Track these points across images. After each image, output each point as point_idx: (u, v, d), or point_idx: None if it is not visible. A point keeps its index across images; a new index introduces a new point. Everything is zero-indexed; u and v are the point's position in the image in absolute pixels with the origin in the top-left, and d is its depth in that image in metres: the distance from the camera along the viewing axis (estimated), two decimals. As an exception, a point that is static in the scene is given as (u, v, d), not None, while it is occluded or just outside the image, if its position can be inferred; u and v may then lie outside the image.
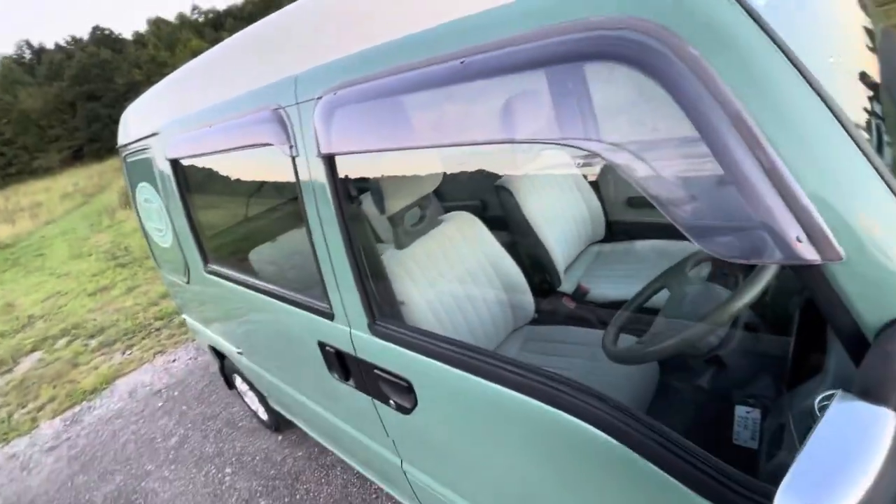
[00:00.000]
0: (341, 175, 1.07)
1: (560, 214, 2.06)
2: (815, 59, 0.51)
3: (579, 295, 1.78)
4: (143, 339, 4.48)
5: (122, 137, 2.36)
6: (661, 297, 1.21)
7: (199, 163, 1.73)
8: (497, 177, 2.08)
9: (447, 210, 2.59)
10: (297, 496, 2.25)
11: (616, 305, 1.22)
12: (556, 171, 2.12)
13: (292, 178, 1.15)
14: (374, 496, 2.10)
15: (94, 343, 4.72)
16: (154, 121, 1.95)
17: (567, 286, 1.88)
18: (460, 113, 0.71)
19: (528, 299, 1.64)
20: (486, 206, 2.57)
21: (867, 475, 0.37)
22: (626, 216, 2.23)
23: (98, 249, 8.86)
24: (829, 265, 0.46)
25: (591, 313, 1.68)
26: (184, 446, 2.83)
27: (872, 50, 0.80)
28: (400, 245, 1.44)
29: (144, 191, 2.24)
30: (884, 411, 0.41)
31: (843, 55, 0.72)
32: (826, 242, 0.45)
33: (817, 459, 0.40)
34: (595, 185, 2.23)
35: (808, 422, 0.51)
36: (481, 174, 2.38)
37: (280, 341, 1.72)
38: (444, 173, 2.38)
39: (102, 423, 3.30)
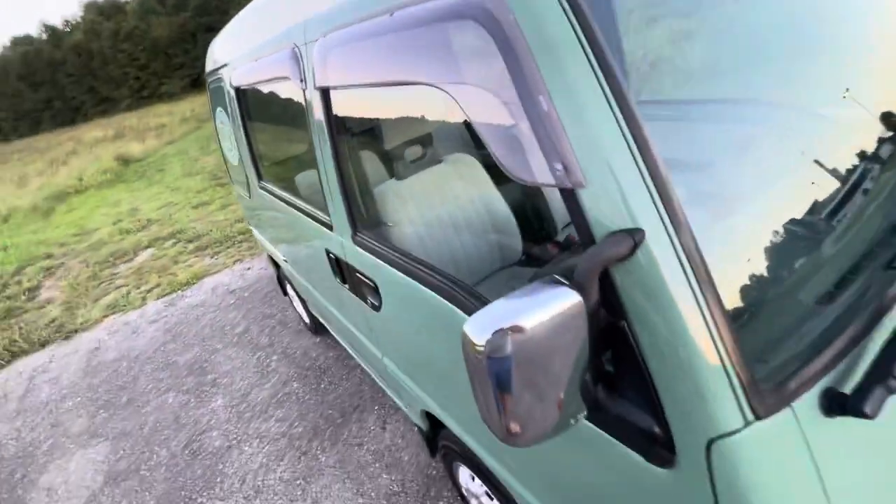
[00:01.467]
0: (343, 109, 1.28)
1: None
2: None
3: (567, 244, 1.88)
4: (228, 248, 5.25)
5: (208, 65, 2.75)
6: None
7: (257, 92, 2.02)
8: None
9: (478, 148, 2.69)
10: (322, 386, 2.71)
11: None
12: None
13: (306, 109, 1.38)
14: (380, 395, 2.48)
15: (191, 246, 5.62)
16: (226, 53, 2.28)
17: (561, 238, 1.98)
18: (393, 59, 0.88)
19: (516, 241, 1.78)
20: None
21: (528, 323, 0.53)
22: None
23: (204, 170, 10.10)
24: (577, 189, 0.59)
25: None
26: (245, 335, 3.43)
27: None
28: (398, 176, 1.65)
29: (220, 115, 2.63)
30: (566, 290, 0.55)
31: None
32: (576, 173, 0.58)
33: (505, 307, 0.56)
34: None
35: None
36: None
37: (308, 251, 2.04)
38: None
39: (190, 309, 4.06)
